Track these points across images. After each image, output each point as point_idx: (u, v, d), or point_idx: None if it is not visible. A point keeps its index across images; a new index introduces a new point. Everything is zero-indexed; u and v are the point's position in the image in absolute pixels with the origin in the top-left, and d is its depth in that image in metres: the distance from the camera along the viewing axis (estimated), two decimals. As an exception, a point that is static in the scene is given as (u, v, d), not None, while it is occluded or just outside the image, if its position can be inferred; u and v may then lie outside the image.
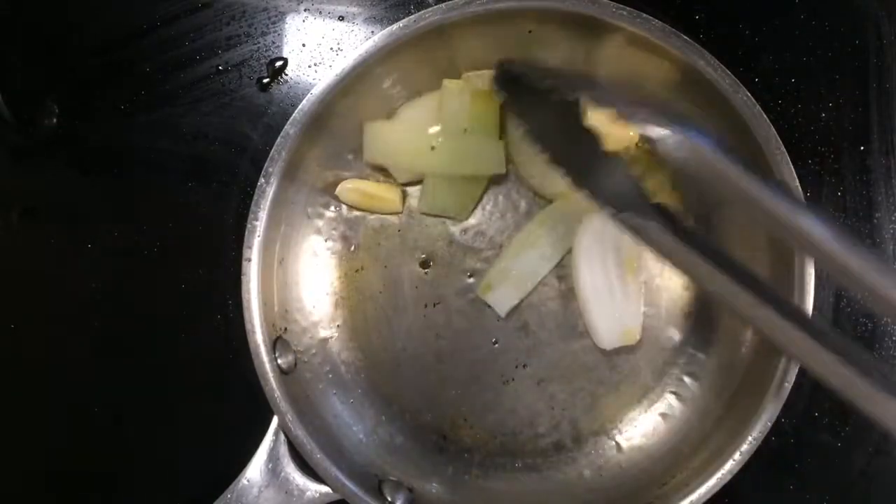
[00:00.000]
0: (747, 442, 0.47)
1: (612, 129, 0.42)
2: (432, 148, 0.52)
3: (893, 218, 0.54)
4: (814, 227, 0.34)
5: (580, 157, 0.42)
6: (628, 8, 0.48)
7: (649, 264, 0.54)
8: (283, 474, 0.49)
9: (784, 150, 0.48)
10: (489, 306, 0.54)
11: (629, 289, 0.52)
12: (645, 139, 0.37)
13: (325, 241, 0.55)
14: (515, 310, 0.54)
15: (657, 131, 0.36)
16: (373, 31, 0.55)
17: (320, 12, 0.55)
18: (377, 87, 0.52)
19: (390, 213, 0.54)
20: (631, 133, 0.39)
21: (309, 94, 0.49)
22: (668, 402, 0.54)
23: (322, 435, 0.49)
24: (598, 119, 0.42)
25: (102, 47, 0.56)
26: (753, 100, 0.48)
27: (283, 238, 0.52)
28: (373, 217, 0.55)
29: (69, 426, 0.56)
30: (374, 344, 0.54)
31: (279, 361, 0.49)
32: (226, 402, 0.55)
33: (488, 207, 0.55)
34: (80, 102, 0.56)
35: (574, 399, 0.54)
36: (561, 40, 0.52)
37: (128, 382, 0.56)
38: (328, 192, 0.54)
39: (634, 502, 0.50)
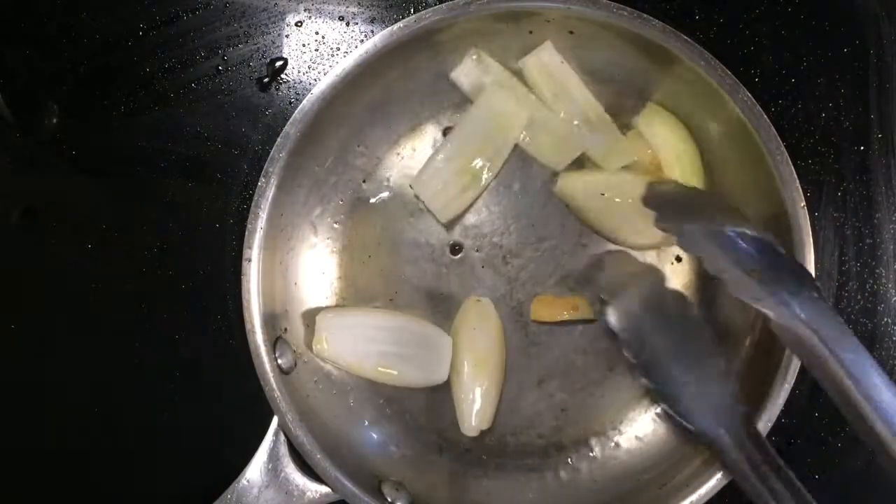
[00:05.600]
0: (747, 442, 0.47)
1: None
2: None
3: (893, 218, 0.54)
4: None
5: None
6: (628, 8, 0.48)
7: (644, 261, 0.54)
8: (283, 474, 0.49)
9: (784, 150, 0.48)
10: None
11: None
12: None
13: (325, 241, 0.55)
14: (517, 309, 0.54)
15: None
16: (373, 31, 0.55)
17: (320, 12, 0.56)
18: (377, 87, 0.52)
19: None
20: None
21: (309, 94, 0.49)
22: (668, 402, 0.54)
23: (322, 435, 0.49)
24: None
25: (102, 47, 0.56)
26: (753, 100, 0.48)
27: (283, 238, 0.52)
28: (373, 218, 0.55)
29: (69, 426, 0.56)
30: (374, 344, 0.54)
31: (279, 361, 0.49)
32: (226, 402, 0.55)
33: (492, 209, 0.55)
34: (80, 102, 0.56)
35: (574, 399, 0.54)
36: (561, 41, 0.52)
37: (128, 382, 0.56)
38: (328, 192, 0.54)
39: (634, 502, 0.50)
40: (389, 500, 0.49)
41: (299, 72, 0.56)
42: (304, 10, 0.56)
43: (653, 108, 0.53)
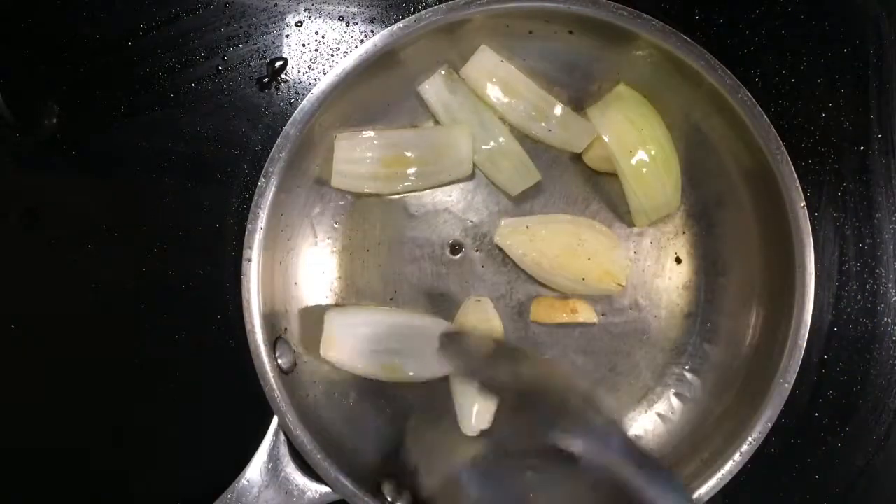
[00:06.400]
0: (747, 442, 0.47)
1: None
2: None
3: (893, 218, 0.54)
4: None
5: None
6: (628, 8, 0.48)
7: (647, 264, 0.54)
8: (283, 474, 0.49)
9: (784, 150, 0.48)
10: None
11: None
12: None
13: (325, 240, 0.55)
14: (517, 309, 0.54)
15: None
16: (373, 31, 0.55)
17: (320, 12, 0.56)
18: (377, 87, 0.52)
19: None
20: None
21: (309, 94, 0.49)
22: (668, 402, 0.54)
23: (322, 435, 0.49)
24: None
25: (102, 47, 0.56)
26: (753, 100, 0.48)
27: (283, 238, 0.52)
28: (373, 217, 0.55)
29: (69, 426, 0.56)
30: (374, 344, 0.54)
31: (279, 361, 0.49)
32: (226, 402, 0.55)
33: (491, 209, 0.55)
34: (80, 102, 0.56)
35: (574, 399, 0.54)
36: (561, 41, 0.52)
37: (128, 383, 0.56)
38: (328, 192, 0.54)
39: (634, 502, 0.50)
40: (389, 500, 0.49)
41: (299, 72, 0.56)
42: (304, 10, 0.56)
43: (616, 93, 0.53)
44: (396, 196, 0.54)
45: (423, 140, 0.53)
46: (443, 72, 0.53)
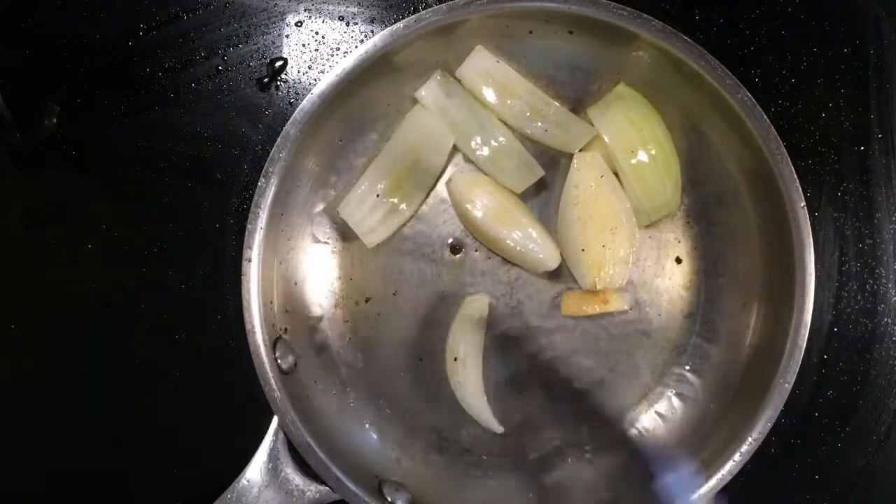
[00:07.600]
0: (747, 442, 0.47)
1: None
2: None
3: (893, 218, 0.54)
4: None
5: None
6: (628, 8, 0.48)
7: (648, 264, 0.54)
8: (283, 474, 0.49)
9: (784, 150, 0.48)
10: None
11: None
12: None
13: (325, 241, 0.55)
14: (517, 309, 0.54)
15: None
16: (373, 31, 0.55)
17: (320, 12, 0.56)
18: (377, 87, 0.52)
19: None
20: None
21: (309, 94, 0.49)
22: (669, 402, 0.54)
23: (322, 435, 0.49)
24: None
25: (102, 47, 0.56)
26: (753, 100, 0.48)
27: (283, 238, 0.52)
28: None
29: (70, 426, 0.56)
30: (374, 344, 0.54)
31: (279, 361, 0.49)
32: (226, 402, 0.55)
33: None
34: (80, 102, 0.56)
35: (574, 399, 0.54)
36: (561, 41, 0.52)
37: (128, 383, 0.56)
38: (328, 191, 0.54)
39: (635, 502, 0.50)
40: (389, 500, 0.49)
41: (299, 72, 0.56)
42: (304, 10, 0.56)
43: (616, 92, 0.53)
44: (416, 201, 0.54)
45: (399, 150, 0.53)
46: (438, 76, 0.53)
